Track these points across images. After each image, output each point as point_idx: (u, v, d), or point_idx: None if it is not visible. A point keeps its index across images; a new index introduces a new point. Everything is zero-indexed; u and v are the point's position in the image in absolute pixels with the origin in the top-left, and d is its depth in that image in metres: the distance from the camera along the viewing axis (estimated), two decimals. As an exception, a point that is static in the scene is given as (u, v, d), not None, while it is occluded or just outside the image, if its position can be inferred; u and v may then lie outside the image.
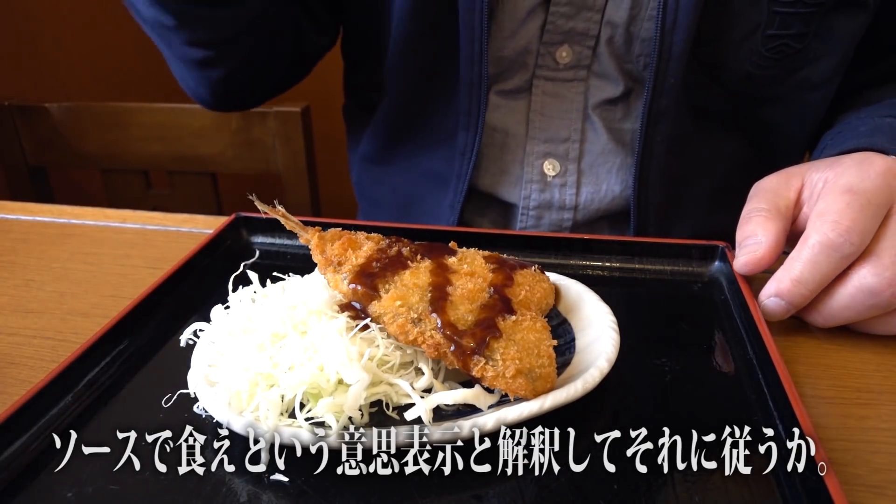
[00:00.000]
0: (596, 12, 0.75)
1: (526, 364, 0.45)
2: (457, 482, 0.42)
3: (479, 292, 0.49)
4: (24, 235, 0.78)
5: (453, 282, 0.50)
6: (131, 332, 0.55)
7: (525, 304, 0.50)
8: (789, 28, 0.72)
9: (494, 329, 0.46)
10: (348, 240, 0.53)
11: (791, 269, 0.55)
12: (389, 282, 0.50)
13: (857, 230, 0.52)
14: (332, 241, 0.53)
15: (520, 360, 0.45)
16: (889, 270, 0.52)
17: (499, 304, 0.49)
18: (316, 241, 0.54)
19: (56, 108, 1.32)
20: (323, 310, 0.49)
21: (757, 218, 0.59)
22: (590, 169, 0.84)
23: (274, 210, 0.55)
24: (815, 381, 0.53)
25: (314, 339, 0.46)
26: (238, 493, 0.42)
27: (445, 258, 0.53)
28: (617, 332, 0.50)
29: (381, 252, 0.52)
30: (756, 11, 0.71)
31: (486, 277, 0.51)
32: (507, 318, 0.48)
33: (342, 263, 0.52)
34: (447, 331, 0.46)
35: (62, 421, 0.47)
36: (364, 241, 0.54)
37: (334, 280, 0.51)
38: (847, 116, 0.77)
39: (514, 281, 0.52)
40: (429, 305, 0.48)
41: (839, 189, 0.55)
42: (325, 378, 0.45)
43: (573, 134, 0.82)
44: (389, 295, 0.48)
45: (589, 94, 0.81)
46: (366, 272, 0.50)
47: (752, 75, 0.75)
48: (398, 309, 0.47)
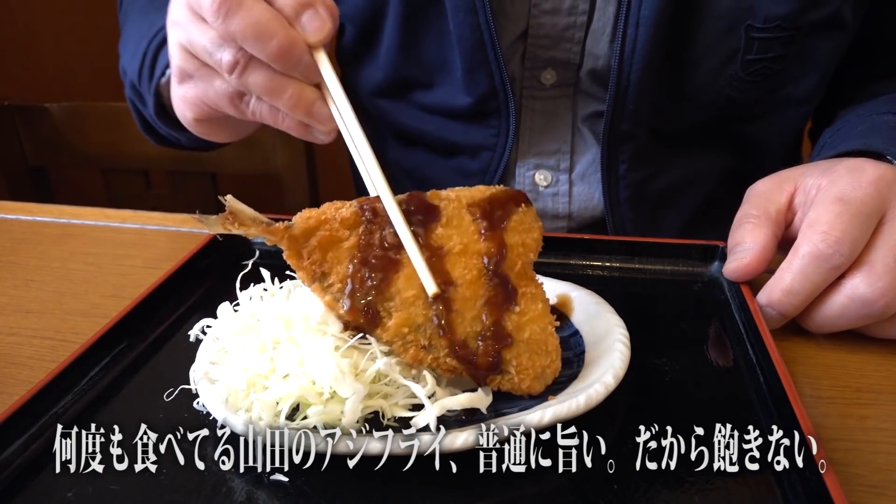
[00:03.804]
0: (575, 44, 0.75)
1: (538, 369, 0.47)
2: (457, 482, 0.42)
3: (478, 282, 0.48)
4: (24, 235, 0.78)
5: (451, 274, 0.48)
6: (131, 332, 0.55)
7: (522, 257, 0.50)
8: (769, 52, 0.72)
9: (504, 337, 0.47)
10: (326, 239, 0.48)
11: (782, 280, 0.55)
12: (387, 298, 0.47)
13: (848, 241, 0.52)
14: (306, 238, 0.48)
15: (531, 368, 0.47)
16: (882, 280, 0.52)
17: (500, 293, 0.48)
18: (286, 244, 0.48)
19: (56, 108, 1.32)
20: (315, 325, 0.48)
21: (747, 224, 0.60)
22: (581, 179, 0.85)
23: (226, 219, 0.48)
24: (815, 381, 0.53)
25: (305, 354, 0.46)
26: (237, 492, 0.42)
27: (432, 231, 0.49)
28: (628, 347, 0.50)
29: (366, 243, 0.48)
30: (734, 38, 0.72)
31: (479, 250, 0.49)
32: (512, 311, 0.48)
33: (327, 273, 0.48)
34: (461, 352, 0.46)
35: (62, 421, 0.47)
36: (342, 231, 0.48)
37: (327, 301, 0.48)
38: (847, 113, 0.77)
39: (506, 243, 0.50)
40: (436, 326, 0.47)
41: (830, 198, 0.55)
42: (316, 391, 0.45)
43: (563, 146, 0.83)
44: (394, 322, 0.47)
45: (577, 109, 0.81)
46: (360, 289, 0.47)
47: (732, 98, 0.76)
48: (406, 336, 0.47)
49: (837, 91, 0.82)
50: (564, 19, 0.74)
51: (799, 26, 0.71)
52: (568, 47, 0.76)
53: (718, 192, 0.85)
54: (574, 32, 0.75)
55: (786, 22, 0.70)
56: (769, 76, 0.74)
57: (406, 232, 0.48)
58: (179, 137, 0.82)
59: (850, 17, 0.73)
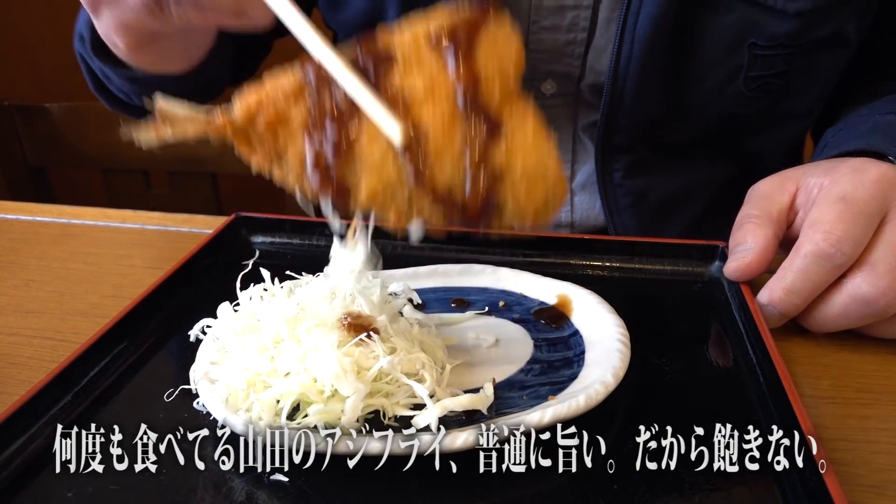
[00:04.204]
0: (576, 59, 0.75)
1: (538, 199, 0.43)
2: (457, 482, 0.42)
3: (453, 124, 0.42)
4: (24, 235, 0.78)
5: (420, 123, 0.42)
6: (131, 332, 0.55)
7: (501, 79, 0.43)
8: (771, 68, 0.72)
9: (494, 175, 0.42)
10: (273, 118, 0.43)
11: (783, 279, 0.55)
12: (353, 162, 0.42)
13: (850, 240, 0.52)
14: (252, 123, 0.43)
15: (531, 201, 0.42)
16: (883, 280, 0.52)
17: (481, 129, 0.42)
18: (232, 135, 0.43)
19: (56, 108, 1.32)
20: (319, 321, 0.48)
21: (748, 224, 0.59)
22: (582, 189, 0.85)
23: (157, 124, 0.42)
24: (815, 381, 0.53)
25: (307, 350, 0.46)
26: (237, 492, 0.42)
27: (390, 81, 0.43)
28: (628, 347, 0.50)
29: (317, 110, 0.43)
30: (737, 56, 0.71)
31: (448, 87, 0.43)
32: (498, 145, 0.42)
33: (282, 154, 0.43)
34: (447, 208, 0.42)
35: (62, 421, 0.47)
36: (289, 103, 0.43)
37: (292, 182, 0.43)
38: (850, 112, 0.77)
39: (479, 70, 0.43)
40: (412, 178, 0.41)
41: (832, 198, 0.55)
42: (318, 389, 0.44)
43: (564, 154, 0.83)
44: (365, 186, 0.41)
45: (578, 118, 0.81)
46: (322, 159, 0.42)
47: (734, 114, 0.76)
48: (383, 199, 0.42)
49: (840, 90, 0.81)
50: (564, 36, 0.74)
51: (803, 43, 0.71)
52: (568, 62, 0.76)
53: (720, 200, 0.85)
54: (574, 48, 0.75)
55: (789, 39, 0.70)
56: (771, 91, 0.74)
57: (354, 80, 0.42)
58: (130, 90, 0.77)
59: (853, 33, 0.73)
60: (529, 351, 0.54)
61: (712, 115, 0.76)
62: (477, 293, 0.62)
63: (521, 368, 0.52)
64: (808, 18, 0.69)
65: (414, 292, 0.59)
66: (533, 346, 0.55)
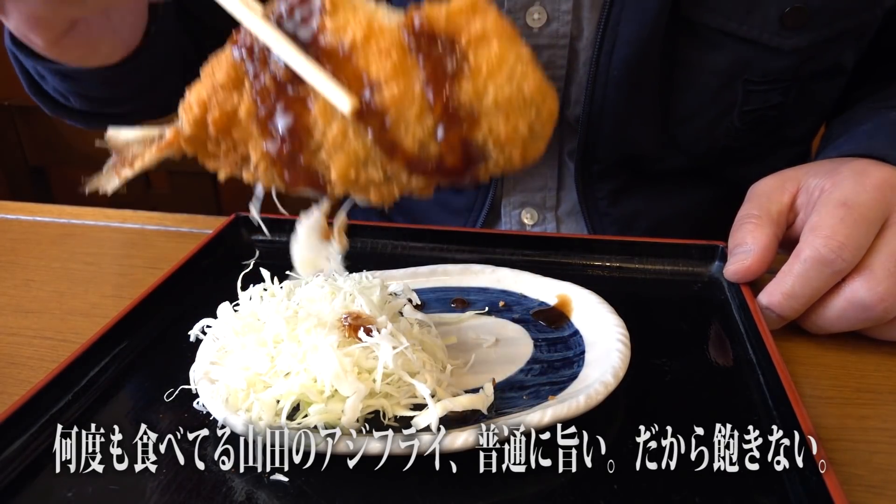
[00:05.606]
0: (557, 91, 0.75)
1: (523, 130, 0.38)
2: (457, 483, 0.42)
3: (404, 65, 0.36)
4: (24, 235, 0.78)
5: (368, 75, 0.37)
6: (131, 332, 0.55)
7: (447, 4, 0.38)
8: (766, 102, 0.71)
9: (464, 117, 0.37)
10: (220, 120, 0.39)
11: (783, 283, 0.55)
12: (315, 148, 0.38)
13: (851, 246, 0.52)
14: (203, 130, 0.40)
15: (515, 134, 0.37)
16: (882, 285, 0.52)
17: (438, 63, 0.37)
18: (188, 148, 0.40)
19: (56, 108, 1.32)
20: (319, 321, 0.48)
21: (748, 225, 0.59)
22: (567, 216, 0.84)
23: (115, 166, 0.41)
24: (815, 381, 0.53)
25: (307, 350, 0.46)
26: (237, 492, 0.42)
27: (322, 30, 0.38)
28: (628, 347, 0.50)
29: (261, 95, 0.39)
30: (730, 92, 0.71)
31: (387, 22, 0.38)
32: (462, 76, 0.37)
33: (246, 157, 0.39)
34: (423, 165, 0.37)
35: (62, 421, 0.47)
36: (230, 99, 0.39)
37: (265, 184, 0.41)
38: (857, 104, 0.76)
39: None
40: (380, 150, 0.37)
41: (834, 202, 0.54)
42: (318, 389, 0.44)
43: (549, 181, 0.82)
44: (336, 171, 0.38)
45: (563, 143, 0.80)
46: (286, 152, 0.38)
47: (726, 147, 0.75)
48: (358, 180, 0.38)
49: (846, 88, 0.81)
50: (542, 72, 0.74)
51: (799, 75, 0.70)
52: None
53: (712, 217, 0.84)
54: (554, 82, 0.74)
55: (785, 74, 0.70)
56: (766, 122, 0.74)
57: (287, 48, 0.37)
58: (66, 90, 0.70)
59: (850, 62, 0.72)
60: (529, 351, 0.54)
61: (704, 150, 0.76)
62: (477, 293, 0.62)
63: (521, 368, 0.52)
64: (805, 54, 0.68)
65: (414, 292, 0.59)
66: (533, 346, 0.55)
